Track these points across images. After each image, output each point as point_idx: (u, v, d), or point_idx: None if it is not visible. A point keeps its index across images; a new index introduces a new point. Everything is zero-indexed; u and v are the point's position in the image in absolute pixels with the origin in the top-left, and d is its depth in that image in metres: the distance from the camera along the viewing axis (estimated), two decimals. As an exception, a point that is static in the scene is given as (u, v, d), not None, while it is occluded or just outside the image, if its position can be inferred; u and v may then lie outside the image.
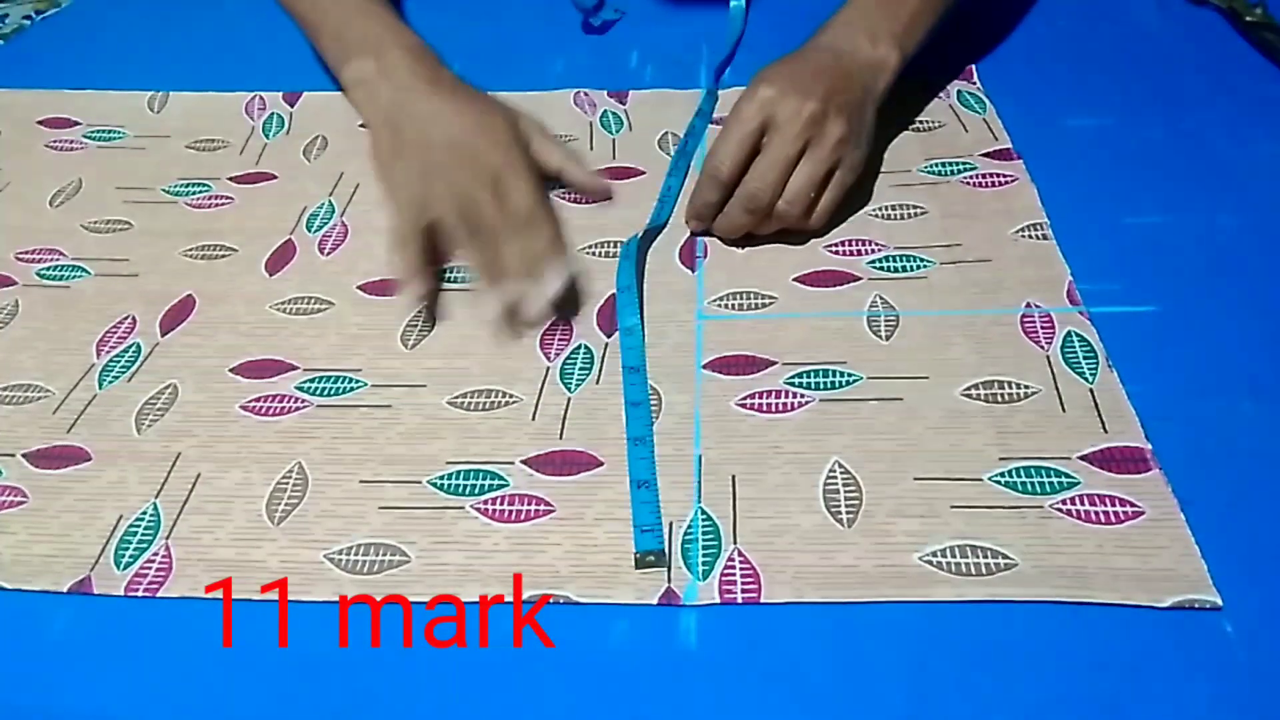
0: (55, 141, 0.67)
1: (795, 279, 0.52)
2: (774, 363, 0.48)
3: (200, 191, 0.62)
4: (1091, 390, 0.45)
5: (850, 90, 0.53)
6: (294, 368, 0.49)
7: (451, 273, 0.54)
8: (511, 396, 0.47)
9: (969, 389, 0.45)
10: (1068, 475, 0.41)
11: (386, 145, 0.54)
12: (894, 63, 0.56)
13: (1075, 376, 0.46)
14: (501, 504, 0.42)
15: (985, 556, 0.39)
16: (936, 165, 0.59)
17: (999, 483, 0.41)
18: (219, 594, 0.39)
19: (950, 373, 0.46)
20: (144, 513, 0.43)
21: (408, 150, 0.52)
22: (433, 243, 0.51)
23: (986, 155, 0.60)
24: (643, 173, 0.61)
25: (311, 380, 0.48)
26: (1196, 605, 0.37)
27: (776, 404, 0.45)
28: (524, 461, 0.44)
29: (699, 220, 0.54)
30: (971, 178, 0.58)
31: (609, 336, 0.50)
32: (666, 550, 0.40)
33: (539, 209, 0.50)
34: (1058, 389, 0.45)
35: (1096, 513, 0.40)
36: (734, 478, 0.42)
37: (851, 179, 0.53)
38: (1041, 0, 0.74)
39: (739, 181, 0.52)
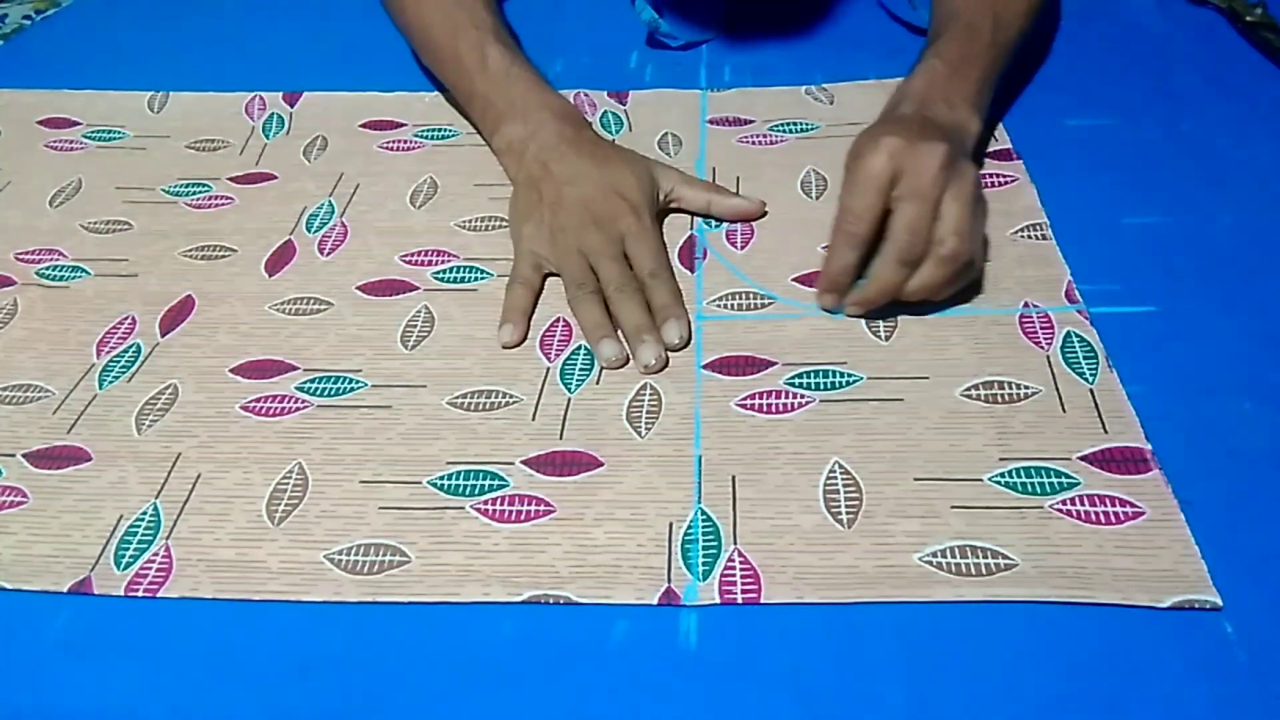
0: (55, 141, 0.67)
1: (794, 279, 0.52)
2: (774, 363, 0.48)
3: (200, 191, 0.62)
4: (1091, 390, 0.45)
5: (955, 143, 0.49)
6: (294, 368, 0.49)
7: (451, 273, 0.54)
8: (511, 397, 0.47)
9: (969, 389, 0.45)
10: (1068, 475, 0.41)
11: (522, 203, 0.55)
12: (976, 128, 0.53)
13: (1075, 377, 0.46)
14: (501, 504, 0.42)
15: (985, 557, 0.39)
16: (936, 165, 0.59)
17: (999, 483, 0.41)
18: (219, 595, 0.39)
19: (950, 373, 0.46)
20: (144, 513, 0.43)
21: (542, 209, 0.54)
22: (539, 293, 0.53)
23: (986, 155, 0.60)
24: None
25: (311, 381, 0.48)
26: (1196, 605, 0.37)
27: (776, 404, 0.45)
28: (524, 462, 0.44)
29: (835, 291, 0.49)
30: (971, 178, 0.58)
31: (609, 337, 0.50)
32: (667, 549, 0.40)
33: (660, 271, 0.51)
34: (1058, 389, 0.45)
35: (1096, 513, 0.40)
36: (734, 478, 0.42)
37: (986, 219, 0.51)
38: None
39: (879, 237, 0.48)
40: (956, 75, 0.55)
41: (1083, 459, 0.42)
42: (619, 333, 0.49)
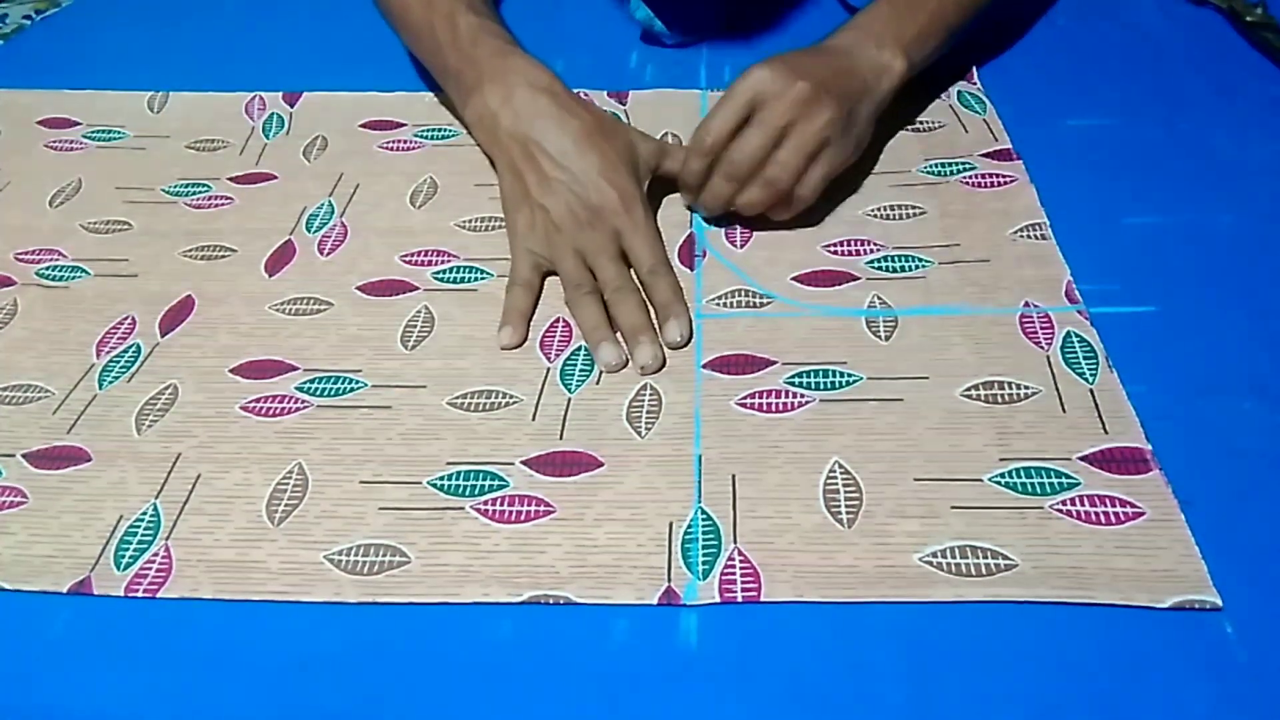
0: (55, 141, 0.67)
1: (794, 278, 0.52)
2: (774, 362, 0.48)
3: (200, 191, 0.62)
4: (1091, 390, 0.45)
5: (848, 83, 0.54)
6: (294, 368, 0.49)
7: (451, 273, 0.54)
8: (511, 397, 0.47)
9: (969, 389, 0.45)
10: (1068, 476, 0.41)
11: (509, 192, 0.54)
12: (899, 68, 0.56)
13: (1075, 377, 0.46)
14: (501, 504, 0.42)
15: (985, 557, 0.39)
16: (936, 165, 0.59)
17: (999, 483, 0.41)
18: (219, 595, 0.39)
19: (950, 373, 0.46)
20: (144, 513, 0.43)
21: (532, 203, 0.53)
22: (541, 289, 0.53)
23: (986, 155, 0.60)
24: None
25: (311, 381, 0.48)
26: (1196, 605, 0.37)
27: (776, 404, 0.45)
28: (524, 462, 0.44)
29: (689, 191, 0.55)
30: (971, 178, 0.58)
31: (609, 337, 0.50)
32: (667, 548, 0.40)
33: (659, 267, 0.51)
34: (1058, 389, 0.45)
35: (1096, 513, 0.40)
36: (734, 477, 0.42)
37: (840, 161, 0.53)
38: (1041, 0, 0.74)
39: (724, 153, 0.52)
40: (897, 18, 0.58)
41: (1083, 459, 0.42)
42: (618, 334, 0.49)
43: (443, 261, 0.55)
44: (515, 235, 0.54)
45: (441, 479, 0.43)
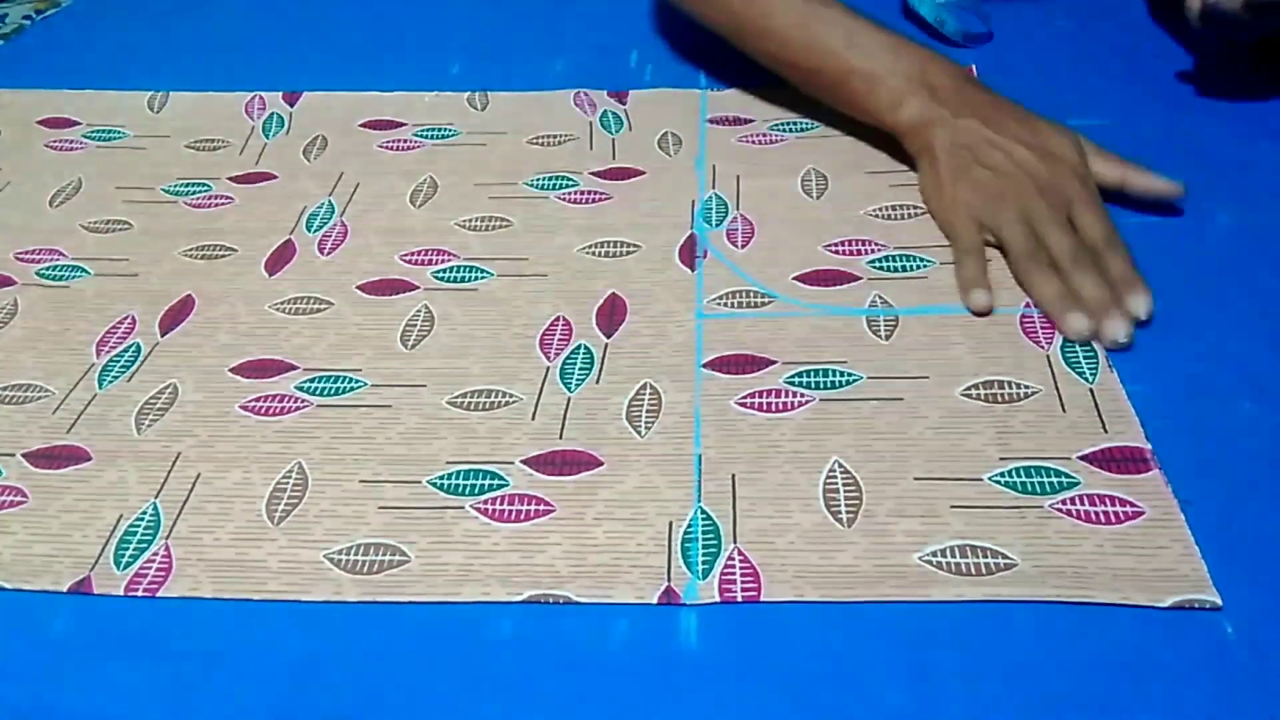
0: (55, 141, 0.67)
1: (795, 278, 0.52)
2: (774, 362, 0.48)
3: (200, 191, 0.62)
4: (1091, 390, 0.45)
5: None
6: (294, 367, 0.49)
7: (451, 272, 0.54)
8: (511, 396, 0.47)
9: (969, 389, 0.45)
10: (1068, 475, 0.41)
11: (949, 167, 0.54)
12: None
13: (1075, 376, 0.46)
14: (501, 504, 0.42)
15: (985, 556, 0.39)
16: (936, 165, 0.59)
17: (999, 483, 0.41)
18: (219, 594, 0.39)
19: (950, 373, 0.46)
20: (144, 513, 0.43)
21: (976, 172, 0.53)
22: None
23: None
24: (643, 173, 0.61)
25: (311, 380, 0.48)
26: (1196, 605, 0.37)
27: (776, 403, 0.45)
28: (524, 461, 0.44)
29: None
30: (971, 177, 0.58)
31: (609, 337, 0.50)
32: (666, 550, 0.40)
33: (1114, 238, 0.50)
34: (1058, 389, 0.45)
35: (1096, 513, 0.40)
36: (734, 477, 0.42)
37: None
38: (1041, 0, 0.74)
39: None
40: None
41: (1083, 459, 0.42)
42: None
43: (443, 261, 0.55)
44: (955, 206, 0.53)
45: (441, 478, 0.43)
